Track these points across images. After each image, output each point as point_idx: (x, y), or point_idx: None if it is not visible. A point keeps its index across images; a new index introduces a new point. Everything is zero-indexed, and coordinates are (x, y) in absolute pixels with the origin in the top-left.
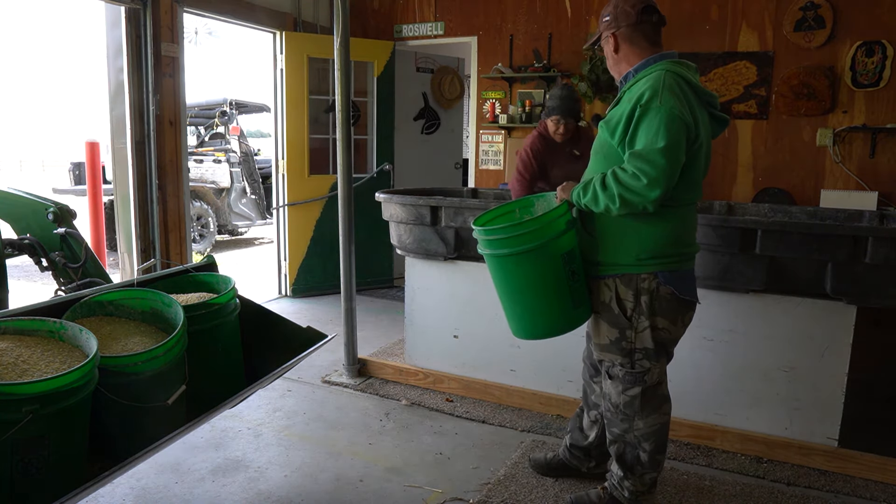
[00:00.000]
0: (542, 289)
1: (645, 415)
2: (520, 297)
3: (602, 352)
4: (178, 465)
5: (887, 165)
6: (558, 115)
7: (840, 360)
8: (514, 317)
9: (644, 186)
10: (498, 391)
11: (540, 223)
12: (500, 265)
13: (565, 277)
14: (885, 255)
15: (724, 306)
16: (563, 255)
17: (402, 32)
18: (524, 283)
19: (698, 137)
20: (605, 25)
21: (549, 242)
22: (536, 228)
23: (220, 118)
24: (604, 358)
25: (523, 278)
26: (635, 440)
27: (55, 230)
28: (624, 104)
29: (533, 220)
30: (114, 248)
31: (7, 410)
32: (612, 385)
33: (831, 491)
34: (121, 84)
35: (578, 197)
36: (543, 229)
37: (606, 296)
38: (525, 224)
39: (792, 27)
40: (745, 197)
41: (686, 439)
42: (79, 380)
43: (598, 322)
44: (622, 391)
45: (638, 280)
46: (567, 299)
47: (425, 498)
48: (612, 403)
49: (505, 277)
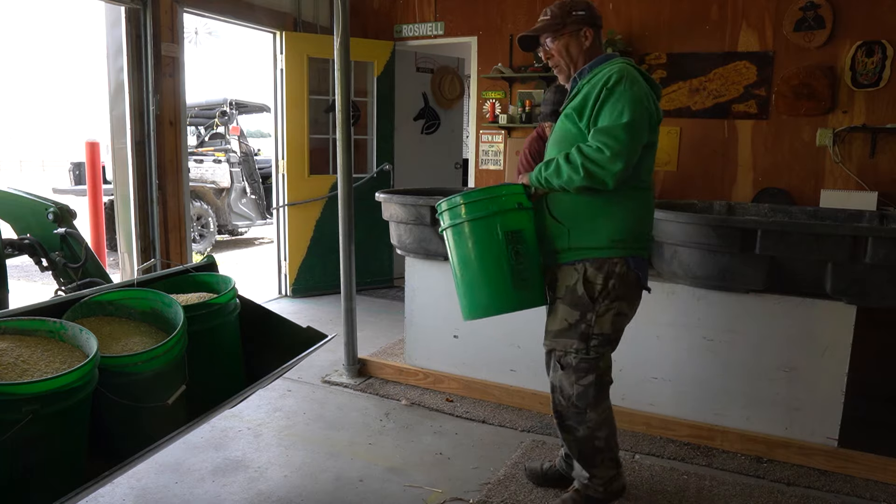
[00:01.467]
0: (481, 262)
1: (596, 404)
2: (463, 269)
3: (556, 338)
4: (178, 465)
5: (887, 165)
6: (552, 122)
7: (840, 360)
8: (460, 294)
9: (607, 159)
10: (498, 391)
11: (485, 194)
12: (450, 237)
13: (507, 255)
14: (885, 255)
15: (724, 306)
16: (507, 233)
17: (402, 32)
18: (466, 254)
19: (657, 125)
20: (578, 19)
21: (492, 216)
22: (480, 199)
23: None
24: (556, 346)
25: (465, 249)
26: (589, 432)
27: (55, 230)
28: (585, 91)
29: (479, 191)
30: (114, 248)
31: (7, 410)
32: (565, 375)
33: (831, 491)
34: (121, 84)
35: (539, 172)
36: (488, 202)
37: (572, 279)
38: (470, 193)
39: (792, 27)
40: (745, 197)
41: (686, 439)
42: (79, 380)
43: (557, 307)
44: (575, 381)
45: (609, 264)
46: (507, 277)
47: (425, 498)
48: (563, 396)
49: (453, 249)
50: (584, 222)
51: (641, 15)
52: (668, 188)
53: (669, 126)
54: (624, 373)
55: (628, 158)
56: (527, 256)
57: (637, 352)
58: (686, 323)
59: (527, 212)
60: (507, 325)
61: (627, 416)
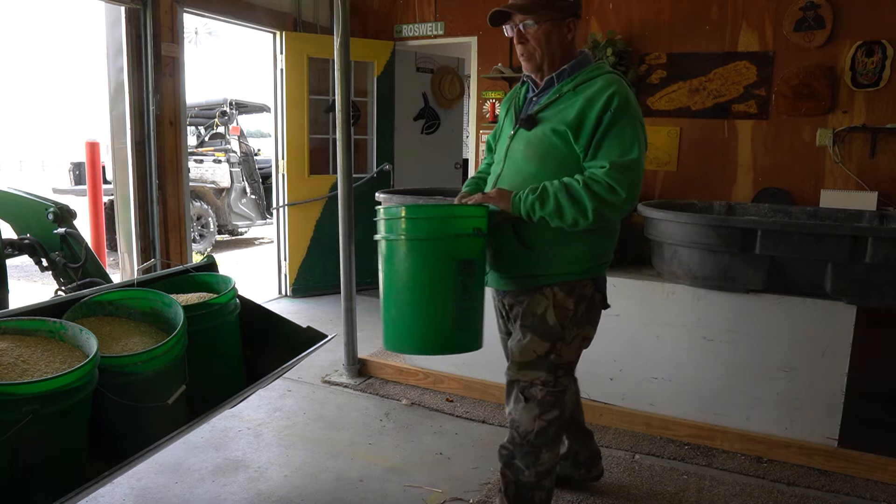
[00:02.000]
0: (418, 292)
1: (553, 445)
2: (393, 293)
3: (522, 370)
4: (178, 465)
5: (887, 165)
6: None
7: (840, 360)
8: (385, 318)
9: (623, 200)
10: (498, 391)
11: (436, 213)
12: (383, 250)
13: (453, 289)
14: (885, 255)
15: (724, 306)
16: (458, 262)
17: (402, 32)
18: (398, 277)
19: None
20: (565, 6)
21: (442, 240)
22: (429, 217)
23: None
24: (521, 378)
25: (399, 271)
26: (535, 480)
27: (55, 230)
28: (580, 106)
29: (429, 207)
30: (114, 248)
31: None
32: (526, 409)
33: (831, 491)
34: (121, 84)
35: (531, 208)
36: (439, 222)
37: (541, 306)
38: (417, 207)
39: (792, 27)
40: (744, 197)
41: (686, 439)
42: (79, 380)
43: (524, 336)
44: (538, 415)
45: (580, 287)
46: (447, 316)
47: (425, 498)
48: (520, 433)
49: (384, 265)
50: (558, 249)
51: (641, 15)
52: (668, 188)
53: (669, 126)
54: (624, 373)
55: (637, 196)
56: (475, 292)
57: (637, 352)
58: (686, 323)
59: (483, 239)
60: None
61: (627, 416)
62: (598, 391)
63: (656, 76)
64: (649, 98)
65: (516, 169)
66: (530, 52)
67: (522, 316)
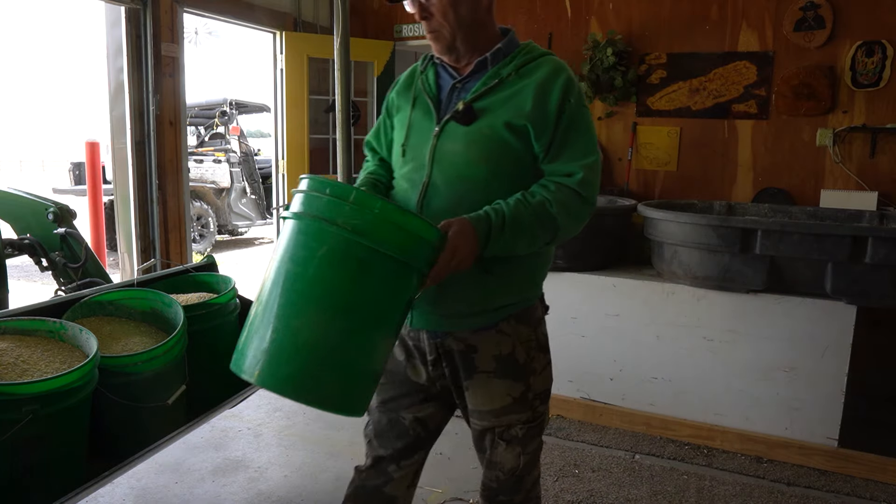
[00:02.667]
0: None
1: (537, 472)
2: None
3: (498, 417)
4: (178, 465)
5: (887, 165)
6: None
7: (840, 360)
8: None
9: (593, 209)
10: None
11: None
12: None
13: (398, 322)
14: (885, 255)
15: (724, 306)
16: (408, 300)
17: (403, 32)
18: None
19: None
20: None
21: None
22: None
23: (220, 118)
24: (496, 424)
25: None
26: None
27: (55, 230)
28: (534, 93)
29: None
30: (114, 248)
31: (7, 410)
32: (509, 450)
33: (831, 491)
34: (121, 84)
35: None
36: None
37: (506, 345)
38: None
39: (792, 27)
40: (745, 197)
41: (686, 439)
42: (79, 380)
43: (492, 384)
44: (522, 451)
45: (532, 311)
46: (381, 358)
47: (425, 498)
48: (503, 471)
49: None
50: (528, 269)
51: (641, 15)
52: (668, 188)
53: (669, 126)
54: (624, 373)
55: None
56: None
57: (637, 352)
58: (686, 323)
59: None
60: None
61: (627, 416)
62: (598, 391)
63: (656, 76)
64: (649, 98)
65: (456, 175)
66: (435, 29)
67: (480, 363)
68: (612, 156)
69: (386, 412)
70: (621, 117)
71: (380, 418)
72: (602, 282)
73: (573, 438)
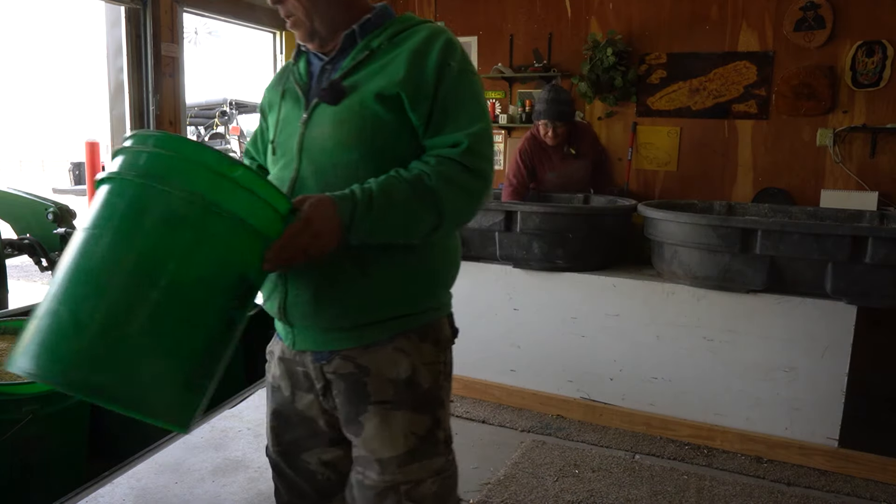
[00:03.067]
0: (167, 300)
1: None
2: (114, 292)
3: (404, 467)
4: (178, 465)
5: (887, 165)
6: (545, 119)
7: (840, 360)
8: (66, 326)
9: (487, 186)
10: (498, 391)
11: (246, 182)
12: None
13: (217, 314)
14: (885, 255)
15: (724, 306)
16: (239, 277)
17: None
18: (144, 266)
19: None
20: None
21: (238, 226)
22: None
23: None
24: (401, 480)
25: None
26: None
27: (55, 230)
28: (407, 59)
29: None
30: None
31: (7, 410)
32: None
33: (831, 491)
34: (121, 84)
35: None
36: (235, 197)
37: (403, 366)
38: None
39: (792, 27)
40: (745, 197)
41: (686, 439)
42: None
43: (391, 418)
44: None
45: (437, 327)
46: (194, 356)
47: None
48: None
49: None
50: (416, 272)
51: (641, 15)
52: (668, 188)
53: (669, 126)
54: (624, 373)
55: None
56: (232, 336)
57: (637, 352)
58: (686, 323)
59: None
60: (507, 325)
61: (627, 416)
62: (598, 391)
63: (656, 76)
64: (649, 98)
65: (327, 162)
66: (291, 12)
67: (374, 390)
68: (612, 156)
69: (285, 458)
70: (621, 117)
71: (281, 467)
72: (602, 282)
73: (573, 438)
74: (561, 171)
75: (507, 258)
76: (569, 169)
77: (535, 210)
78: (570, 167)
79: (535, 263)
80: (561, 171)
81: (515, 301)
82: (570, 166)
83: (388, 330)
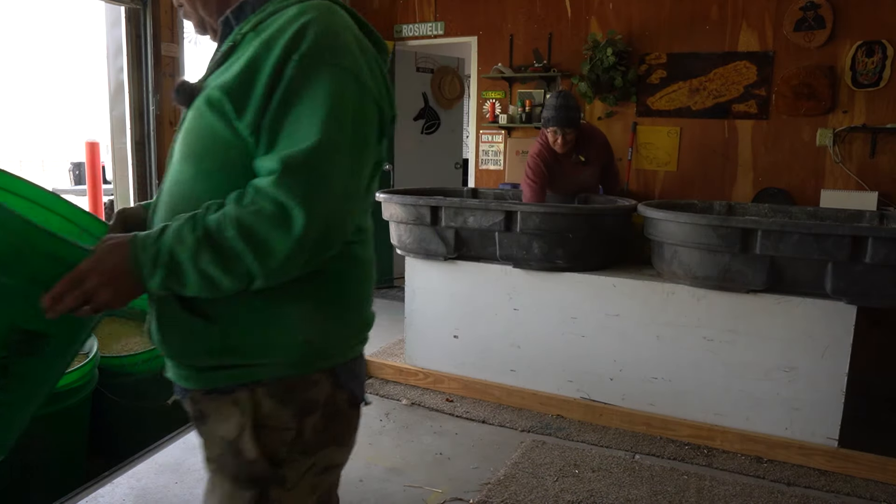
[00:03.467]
0: None
1: None
2: None
3: None
4: (178, 465)
5: (887, 165)
6: (554, 126)
7: (840, 360)
8: None
9: (301, 234)
10: (498, 391)
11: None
12: None
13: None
14: (885, 255)
15: (724, 306)
16: (8, 325)
17: (402, 32)
18: None
19: (389, 127)
20: None
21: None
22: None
23: None
24: None
25: None
26: None
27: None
28: (252, 55)
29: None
30: None
31: None
32: None
33: (831, 491)
34: (121, 84)
35: (161, 280)
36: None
37: (230, 424)
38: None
39: (792, 27)
40: (745, 197)
41: (686, 439)
42: (79, 380)
43: (212, 482)
44: None
45: (304, 386)
46: None
47: (425, 498)
48: None
49: None
50: (261, 317)
51: (641, 15)
52: (668, 188)
53: (669, 126)
54: (624, 373)
55: (336, 218)
56: (16, 383)
57: (637, 352)
58: (686, 323)
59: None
60: (507, 325)
61: (627, 416)
62: (598, 391)
63: (656, 76)
64: (649, 98)
65: (172, 178)
66: (181, 2)
67: (206, 443)
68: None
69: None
70: (621, 117)
71: None
72: (602, 282)
73: (573, 438)
74: (572, 178)
75: (507, 258)
76: (580, 177)
77: (535, 210)
78: (580, 174)
79: (535, 263)
80: (572, 178)
81: (515, 301)
82: (582, 173)
83: (229, 378)
